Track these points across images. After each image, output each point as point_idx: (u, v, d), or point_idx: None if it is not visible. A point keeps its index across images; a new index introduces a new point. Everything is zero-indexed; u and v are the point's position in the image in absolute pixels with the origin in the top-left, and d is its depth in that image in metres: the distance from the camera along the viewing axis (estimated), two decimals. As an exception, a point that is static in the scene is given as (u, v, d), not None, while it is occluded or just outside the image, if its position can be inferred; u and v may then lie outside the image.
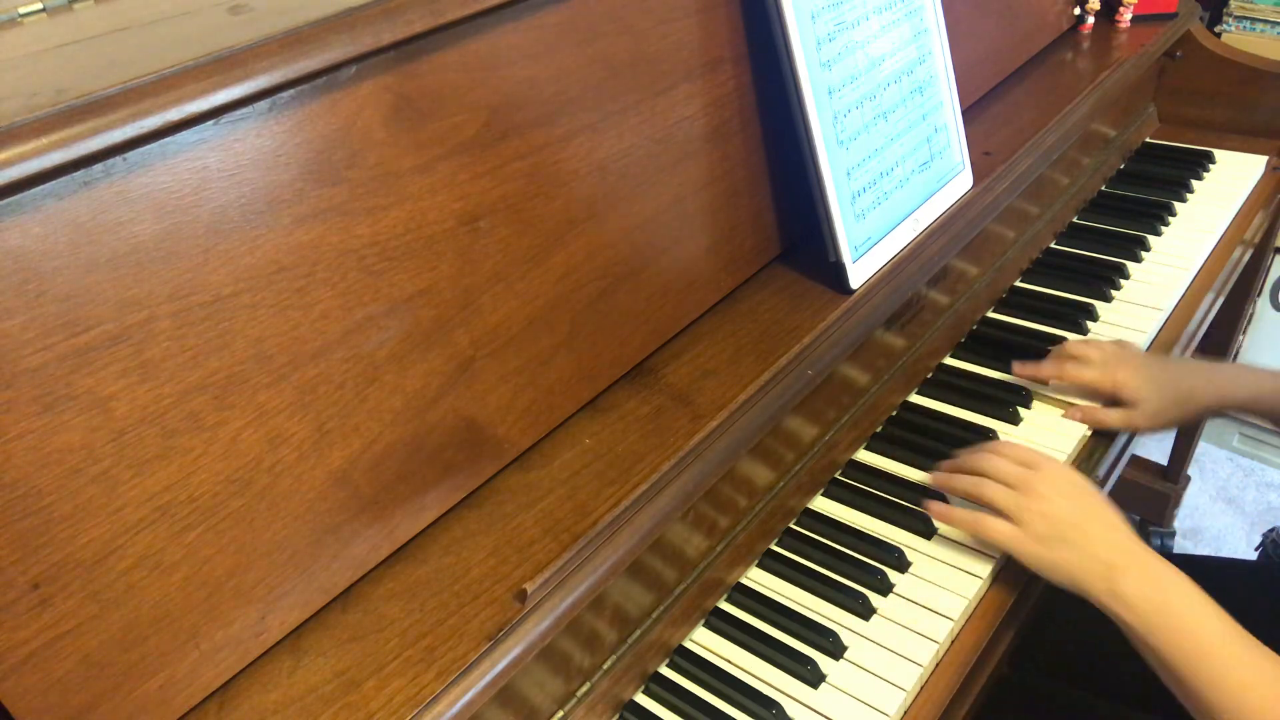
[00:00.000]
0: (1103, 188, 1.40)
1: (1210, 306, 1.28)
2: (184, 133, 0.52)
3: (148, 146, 0.51)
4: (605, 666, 0.75)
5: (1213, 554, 1.81)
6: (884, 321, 0.95)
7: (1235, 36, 1.73)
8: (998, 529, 0.81)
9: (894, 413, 1.03)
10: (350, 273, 0.61)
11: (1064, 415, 0.99)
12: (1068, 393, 1.01)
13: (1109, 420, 0.97)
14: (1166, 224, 1.30)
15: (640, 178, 0.79)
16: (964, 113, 1.07)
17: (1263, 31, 1.72)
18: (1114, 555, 0.74)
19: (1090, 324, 1.13)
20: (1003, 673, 0.88)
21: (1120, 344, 1.01)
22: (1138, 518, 1.88)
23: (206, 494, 0.57)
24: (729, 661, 0.80)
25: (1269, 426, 0.96)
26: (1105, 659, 1.01)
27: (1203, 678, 0.68)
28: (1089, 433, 0.98)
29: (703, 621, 0.83)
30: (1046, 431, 0.98)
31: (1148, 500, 1.84)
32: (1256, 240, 1.43)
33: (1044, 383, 1.02)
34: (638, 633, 0.77)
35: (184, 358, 0.55)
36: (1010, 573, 0.85)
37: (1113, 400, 0.98)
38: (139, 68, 0.50)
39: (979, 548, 0.86)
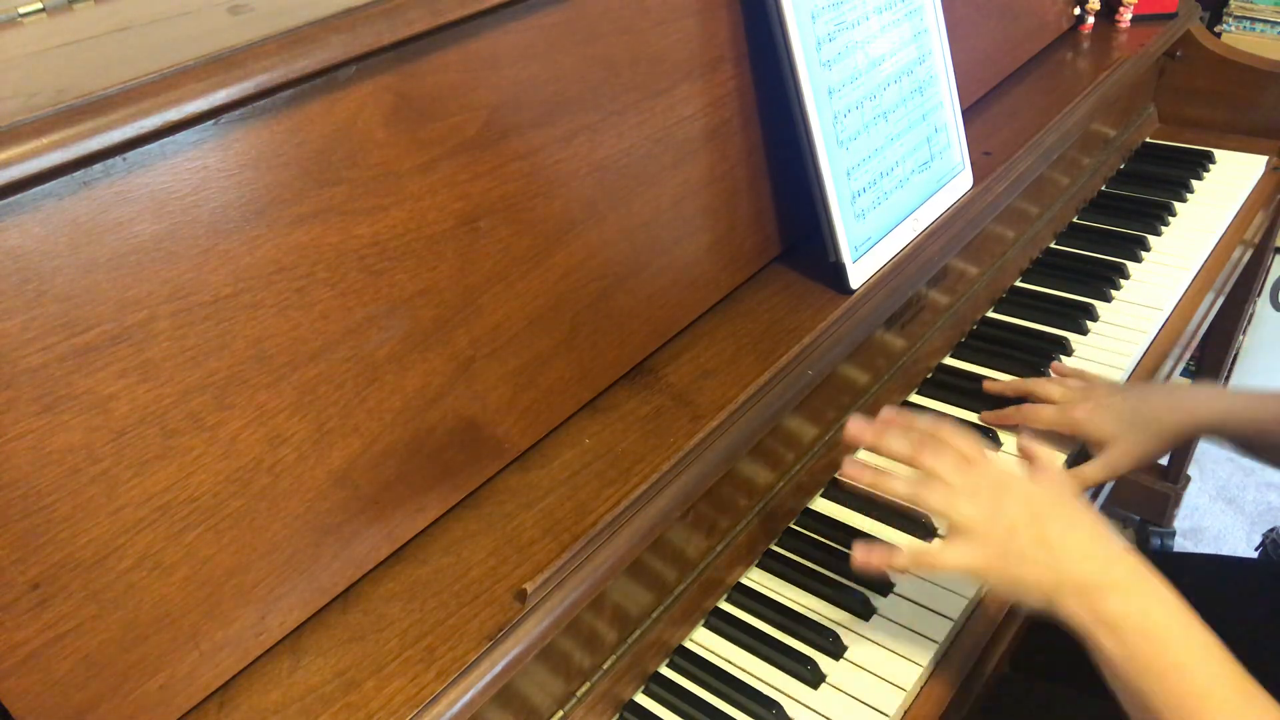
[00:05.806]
0: (1103, 188, 1.40)
1: (1210, 306, 1.28)
2: (184, 133, 0.52)
3: (148, 146, 0.51)
4: (605, 666, 0.75)
5: (1213, 554, 1.81)
6: (884, 321, 0.95)
7: (1235, 36, 1.73)
8: (950, 557, 0.66)
9: (894, 413, 1.03)
10: (350, 273, 0.61)
11: None
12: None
13: (1088, 476, 0.89)
14: (1166, 224, 1.30)
15: (640, 177, 0.79)
16: (964, 113, 1.07)
17: (1263, 31, 1.72)
18: (1095, 569, 0.62)
19: (1090, 324, 1.13)
20: (1003, 672, 0.88)
21: (1087, 383, 0.97)
22: (1138, 518, 1.88)
23: (206, 494, 0.57)
24: (729, 661, 0.80)
25: (1239, 451, 0.91)
26: None
27: None
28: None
29: (703, 621, 0.83)
30: (1044, 436, 0.97)
31: (1148, 500, 1.84)
32: (1256, 240, 1.43)
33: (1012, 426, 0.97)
34: (638, 632, 0.77)
35: (184, 358, 0.55)
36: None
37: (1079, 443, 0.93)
38: (139, 68, 0.50)
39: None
